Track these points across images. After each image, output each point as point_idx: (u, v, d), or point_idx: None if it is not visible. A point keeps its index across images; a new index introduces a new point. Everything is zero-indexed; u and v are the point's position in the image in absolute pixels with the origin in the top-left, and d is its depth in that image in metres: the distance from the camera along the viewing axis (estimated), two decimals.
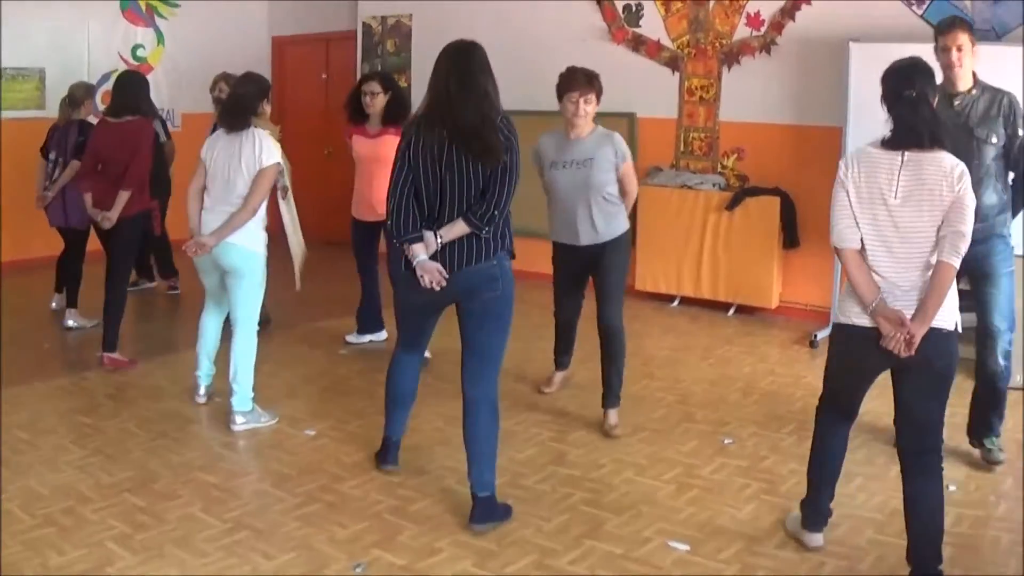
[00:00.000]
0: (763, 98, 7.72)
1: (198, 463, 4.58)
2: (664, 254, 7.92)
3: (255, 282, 5.09)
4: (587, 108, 4.99)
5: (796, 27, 7.52)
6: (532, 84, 8.64)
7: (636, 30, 8.23)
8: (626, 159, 5.10)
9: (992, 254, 4.61)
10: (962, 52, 4.56)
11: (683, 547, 3.87)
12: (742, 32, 7.77)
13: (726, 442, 5.00)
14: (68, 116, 6.97)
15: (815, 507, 3.90)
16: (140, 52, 9.79)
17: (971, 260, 3.76)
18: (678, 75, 8.10)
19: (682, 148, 8.15)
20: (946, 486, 4.35)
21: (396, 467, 4.48)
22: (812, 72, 7.47)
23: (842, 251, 3.57)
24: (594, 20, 8.35)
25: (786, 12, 7.52)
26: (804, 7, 7.45)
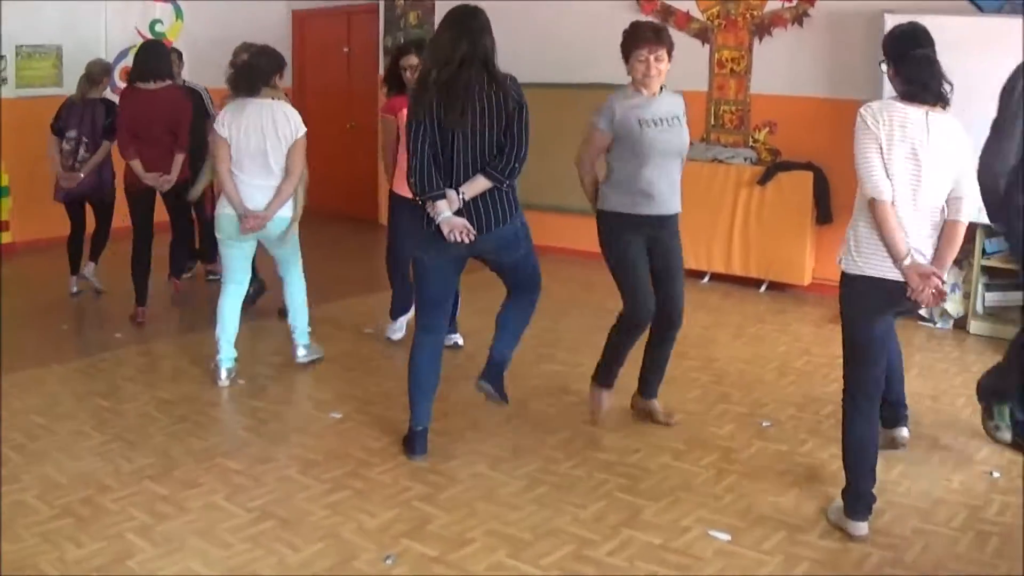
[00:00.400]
0: (795, 70, 7.51)
1: (221, 448, 4.44)
2: (694, 229, 7.65)
3: (295, 237, 5.43)
4: (659, 67, 4.47)
5: None
6: (558, 55, 8.49)
7: (665, 1, 8.01)
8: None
9: None
10: None
11: (724, 536, 3.72)
12: (773, 3, 7.55)
13: (764, 425, 4.85)
14: (85, 93, 6.82)
15: (856, 495, 3.76)
16: (158, 28, 9.61)
17: None
18: (708, 47, 7.89)
19: (712, 121, 7.95)
20: (989, 472, 4.21)
21: (425, 456, 4.35)
22: (845, 44, 7.26)
23: (879, 204, 3.54)
24: None
25: None
26: None
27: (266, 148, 5.09)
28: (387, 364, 5.68)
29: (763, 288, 7.66)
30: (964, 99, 6.11)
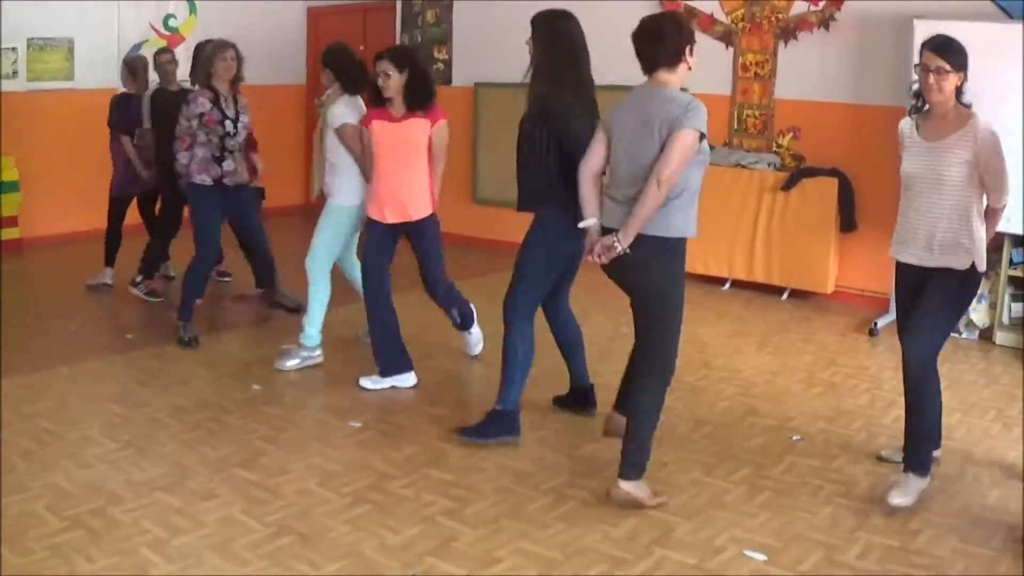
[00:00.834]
0: (821, 75, 7.35)
1: (236, 458, 4.29)
2: (716, 235, 7.55)
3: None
4: None
5: (855, 3, 7.14)
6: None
7: (688, 3, 7.85)
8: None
9: None
10: None
11: (760, 557, 3.58)
12: (799, 6, 7.39)
13: (795, 439, 4.70)
14: (145, 86, 7.02)
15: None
16: (172, 22, 9.47)
17: None
18: (732, 50, 7.73)
19: (735, 125, 7.79)
20: None
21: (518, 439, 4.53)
22: (873, 49, 7.11)
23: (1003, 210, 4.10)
24: None
25: None
26: None
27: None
28: None
29: (785, 296, 7.50)
30: (995, 105, 6.05)
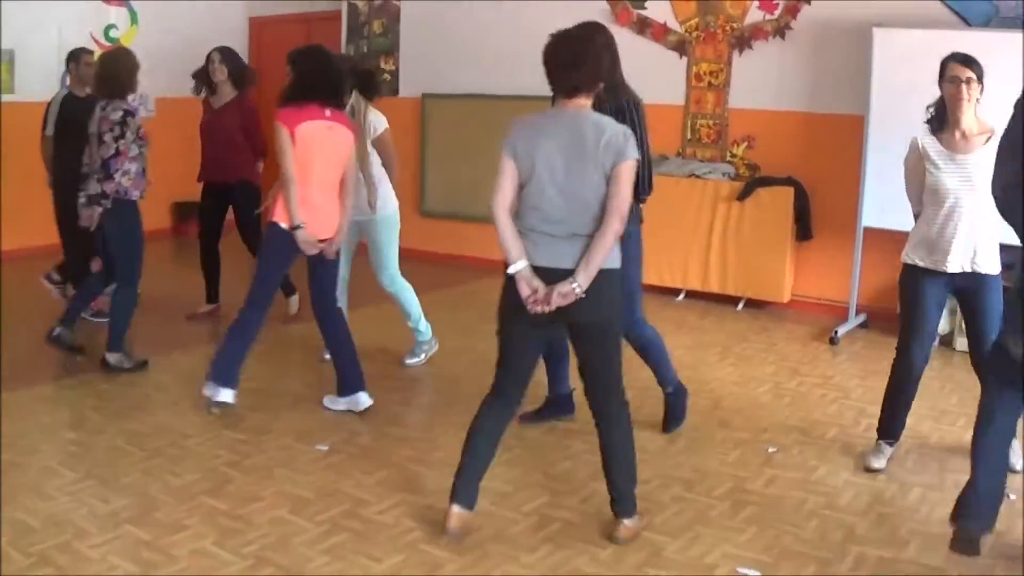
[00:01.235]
0: (776, 84, 7.39)
1: (202, 486, 4.10)
2: (670, 246, 7.53)
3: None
4: None
5: (812, 11, 7.19)
6: (524, 67, 8.23)
7: (641, 12, 7.85)
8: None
9: None
10: None
11: (754, 574, 3.51)
12: (754, 15, 7.42)
13: (771, 451, 4.67)
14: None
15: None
16: (113, 32, 9.23)
17: None
18: (686, 59, 7.73)
19: (689, 136, 7.78)
20: (1007, 495, 4.04)
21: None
22: (829, 58, 7.16)
23: None
24: (596, 3, 7.92)
25: None
26: None
27: None
28: (370, 391, 5.37)
29: (740, 306, 7.50)
30: None
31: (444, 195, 8.99)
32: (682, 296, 7.72)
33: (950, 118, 4.26)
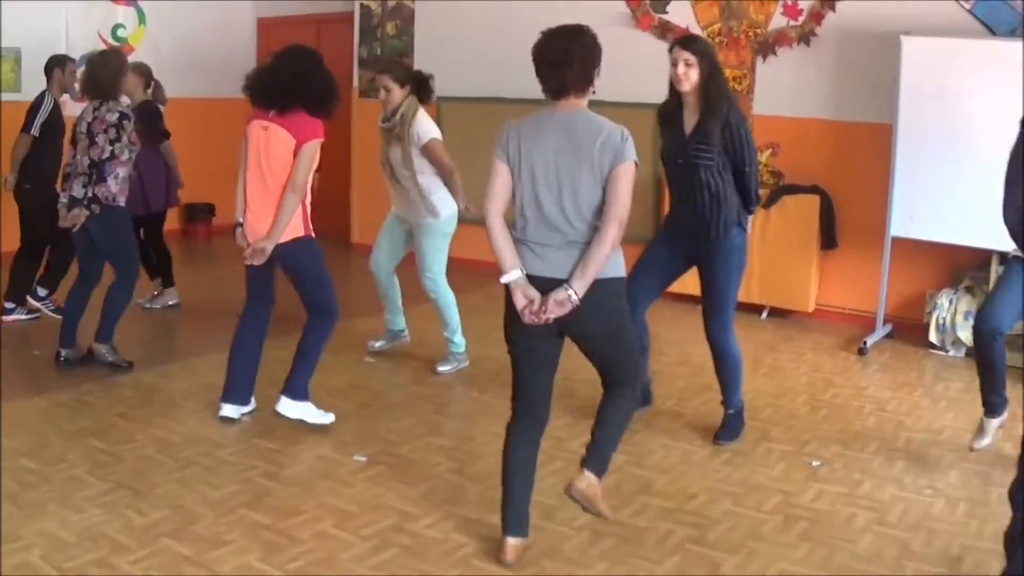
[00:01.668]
0: (801, 91, 7.28)
1: (241, 498, 3.96)
2: None
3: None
4: None
5: (837, 17, 7.08)
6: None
7: (663, 16, 7.73)
8: None
9: None
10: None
11: None
12: (778, 21, 7.31)
13: (815, 465, 4.56)
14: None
15: None
16: (120, 32, 9.08)
17: None
18: None
19: None
20: None
21: None
22: (855, 65, 7.05)
23: None
24: (616, 5, 7.84)
25: (826, 2, 7.08)
26: None
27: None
28: (401, 399, 5.31)
29: (764, 315, 7.39)
30: (980, 120, 6.03)
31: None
32: None
33: None
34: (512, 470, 3.53)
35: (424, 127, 5.43)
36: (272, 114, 4.52)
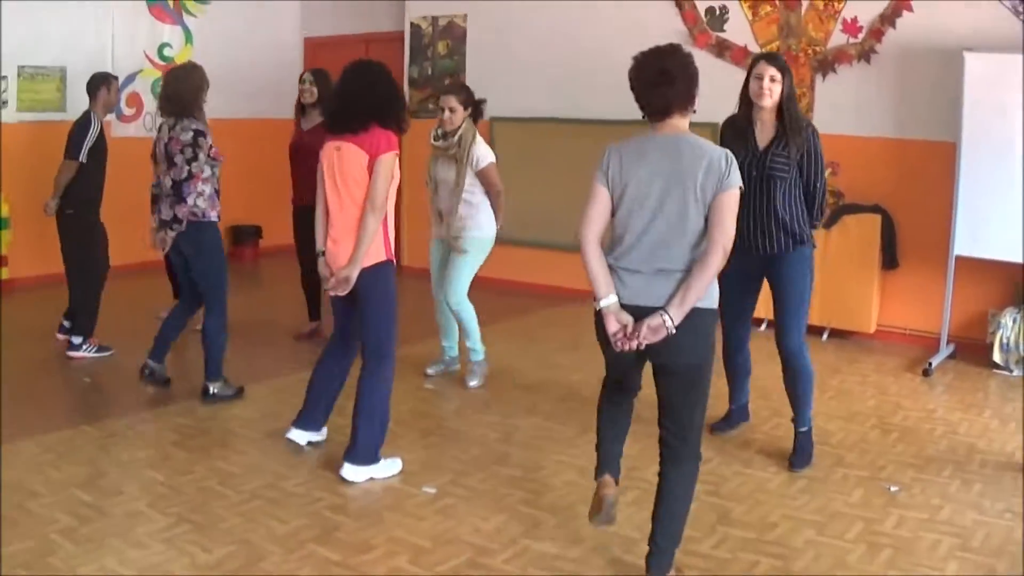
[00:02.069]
0: (861, 109, 7.16)
1: (309, 533, 3.83)
2: None
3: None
4: None
5: (897, 34, 6.97)
6: (595, 91, 8.04)
7: (720, 34, 7.63)
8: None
9: None
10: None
11: None
12: (838, 39, 7.19)
13: (893, 490, 4.42)
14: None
15: None
16: (167, 51, 9.08)
17: None
18: None
19: None
20: None
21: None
22: (916, 82, 6.93)
23: None
24: (673, 23, 7.74)
25: (886, 19, 6.97)
26: (906, 13, 6.89)
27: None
28: (463, 427, 5.17)
29: (825, 336, 7.23)
30: None
31: (513, 221, 8.77)
32: (764, 326, 7.43)
33: None
34: (604, 422, 3.70)
35: (483, 150, 5.57)
36: (347, 135, 4.34)
